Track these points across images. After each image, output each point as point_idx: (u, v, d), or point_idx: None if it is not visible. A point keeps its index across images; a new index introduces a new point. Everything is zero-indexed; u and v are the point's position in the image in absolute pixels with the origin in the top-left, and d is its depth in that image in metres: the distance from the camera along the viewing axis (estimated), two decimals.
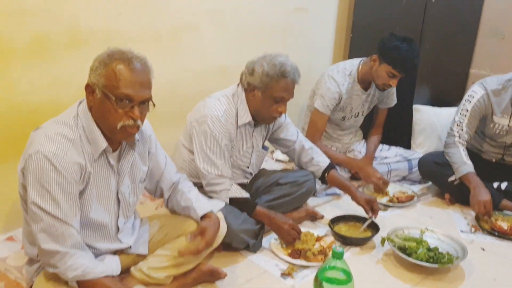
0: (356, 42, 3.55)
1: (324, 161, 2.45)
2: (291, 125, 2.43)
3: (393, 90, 2.98)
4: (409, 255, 2.06)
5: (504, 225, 2.40)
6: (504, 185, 2.67)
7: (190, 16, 2.67)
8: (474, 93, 2.60)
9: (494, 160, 2.76)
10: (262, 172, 2.52)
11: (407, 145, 3.23)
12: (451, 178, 2.65)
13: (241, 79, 2.16)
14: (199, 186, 2.10)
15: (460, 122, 2.62)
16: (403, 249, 2.09)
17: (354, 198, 2.36)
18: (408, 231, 2.26)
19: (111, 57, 1.49)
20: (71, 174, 1.47)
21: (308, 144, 2.46)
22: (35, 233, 1.47)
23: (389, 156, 3.04)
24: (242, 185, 2.32)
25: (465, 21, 3.36)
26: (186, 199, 1.85)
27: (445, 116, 3.13)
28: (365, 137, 3.15)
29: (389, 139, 3.14)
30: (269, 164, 3.07)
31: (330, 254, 2.08)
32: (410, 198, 2.74)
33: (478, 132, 2.72)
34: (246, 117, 2.16)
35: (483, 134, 2.72)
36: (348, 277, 1.48)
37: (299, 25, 3.33)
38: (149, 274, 1.75)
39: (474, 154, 2.71)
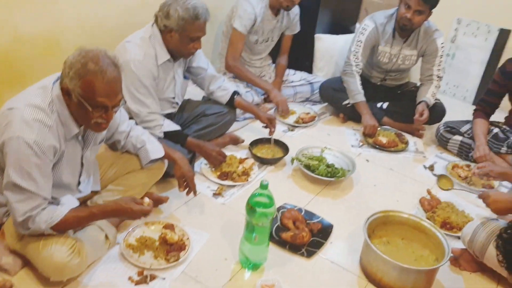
0: None
1: (232, 87, 2.81)
2: (202, 55, 2.68)
3: (297, 18, 3.32)
4: (312, 171, 2.58)
5: (384, 140, 3.02)
6: (385, 104, 3.32)
7: None
8: (367, 26, 3.07)
9: (378, 83, 3.33)
10: (189, 103, 2.81)
11: (309, 70, 3.68)
12: (346, 102, 3.20)
13: (156, 21, 2.34)
14: None
15: (356, 52, 3.09)
16: (308, 167, 2.61)
17: (258, 117, 2.79)
18: (312, 150, 2.77)
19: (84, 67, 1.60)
20: (48, 156, 1.66)
21: (217, 74, 2.76)
22: (11, 203, 1.65)
23: (295, 80, 3.50)
24: (171, 115, 2.61)
25: None
26: (140, 141, 2.12)
27: (341, 44, 3.60)
28: (274, 62, 3.51)
29: (295, 65, 3.56)
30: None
31: (251, 174, 2.55)
32: (312, 118, 3.25)
33: (368, 60, 3.22)
34: (164, 55, 2.39)
35: (371, 61, 3.23)
36: (271, 201, 1.92)
37: None
38: None
39: (363, 78, 3.23)
